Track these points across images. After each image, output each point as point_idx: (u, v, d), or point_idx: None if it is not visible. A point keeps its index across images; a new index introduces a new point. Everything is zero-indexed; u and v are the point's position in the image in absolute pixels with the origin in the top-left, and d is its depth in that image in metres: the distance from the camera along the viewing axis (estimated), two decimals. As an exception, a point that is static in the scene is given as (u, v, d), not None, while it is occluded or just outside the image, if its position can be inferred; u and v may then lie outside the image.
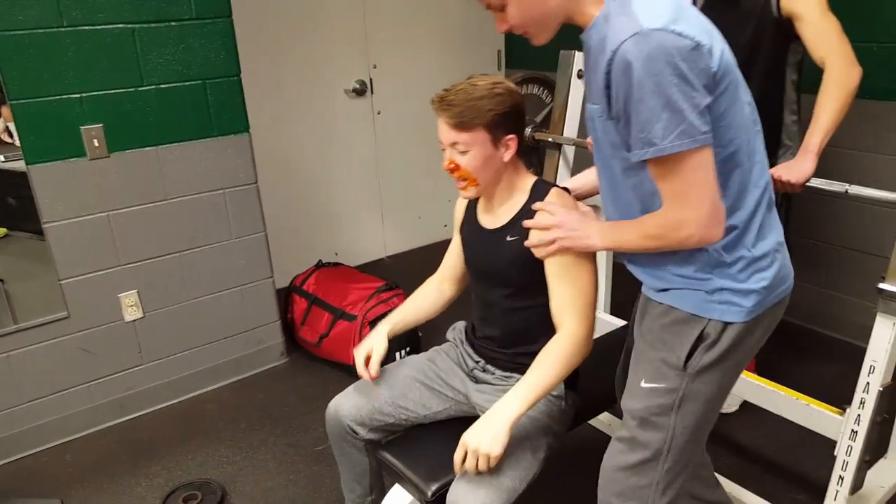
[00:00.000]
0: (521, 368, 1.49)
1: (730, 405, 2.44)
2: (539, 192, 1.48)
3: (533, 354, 1.44)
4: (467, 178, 1.45)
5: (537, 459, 1.46)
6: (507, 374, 1.58)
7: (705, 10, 2.10)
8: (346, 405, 1.62)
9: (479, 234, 1.57)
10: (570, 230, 1.36)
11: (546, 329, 1.46)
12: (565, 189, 1.54)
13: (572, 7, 1.14)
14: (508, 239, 1.48)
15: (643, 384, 1.30)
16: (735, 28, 2.02)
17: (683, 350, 1.25)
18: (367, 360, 1.60)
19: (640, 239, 1.23)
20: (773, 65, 2.02)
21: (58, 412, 2.45)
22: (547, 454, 1.49)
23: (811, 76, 2.06)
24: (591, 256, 1.43)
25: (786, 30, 1.94)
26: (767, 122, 2.08)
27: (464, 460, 1.35)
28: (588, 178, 1.66)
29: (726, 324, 1.23)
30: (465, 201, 1.65)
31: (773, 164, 2.10)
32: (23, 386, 2.36)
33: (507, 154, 1.45)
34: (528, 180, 1.51)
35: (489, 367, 1.61)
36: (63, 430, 2.48)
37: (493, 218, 1.55)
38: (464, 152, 1.41)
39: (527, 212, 1.46)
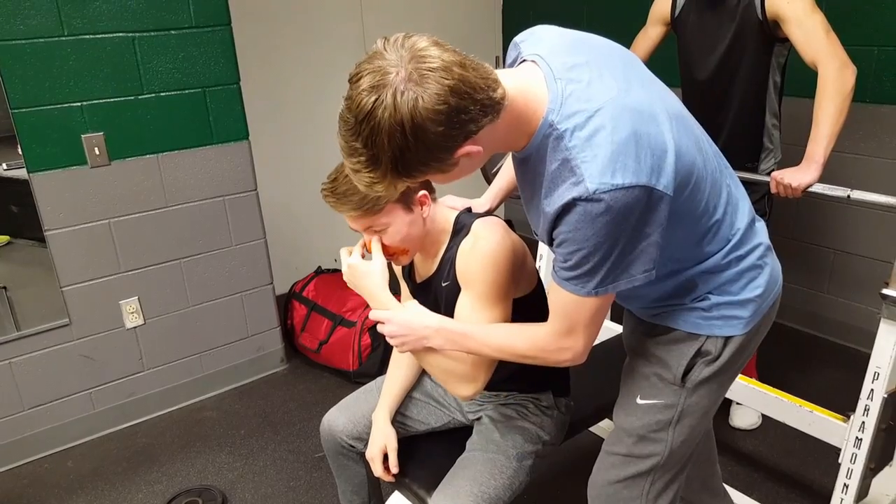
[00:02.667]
0: (507, 385, 1.50)
1: (752, 424, 2.40)
2: (461, 227, 1.38)
3: (514, 373, 1.41)
4: (396, 251, 1.36)
5: (523, 468, 1.45)
6: (494, 392, 1.56)
7: (686, 12, 2.12)
8: (339, 420, 1.61)
9: (418, 290, 1.50)
10: (403, 337, 1.26)
11: None
12: (488, 212, 1.44)
13: (506, 145, 1.06)
14: (443, 284, 1.41)
15: (639, 401, 1.27)
16: (718, 30, 2.03)
17: (680, 367, 1.21)
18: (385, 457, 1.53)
19: (501, 354, 1.20)
20: (756, 67, 2.01)
21: (59, 419, 2.46)
22: (535, 462, 1.48)
23: (793, 78, 2.06)
24: (498, 300, 1.30)
25: (770, 32, 1.93)
26: (749, 125, 2.10)
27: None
28: (507, 173, 1.54)
29: (727, 338, 1.20)
30: None
31: (754, 167, 2.10)
32: (24, 393, 2.37)
33: (426, 210, 1.36)
34: (450, 217, 1.42)
35: None
36: (64, 436, 2.48)
37: (425, 267, 1.48)
38: (383, 230, 1.32)
39: (452, 250, 1.37)
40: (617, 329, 2.31)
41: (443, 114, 0.89)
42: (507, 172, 1.55)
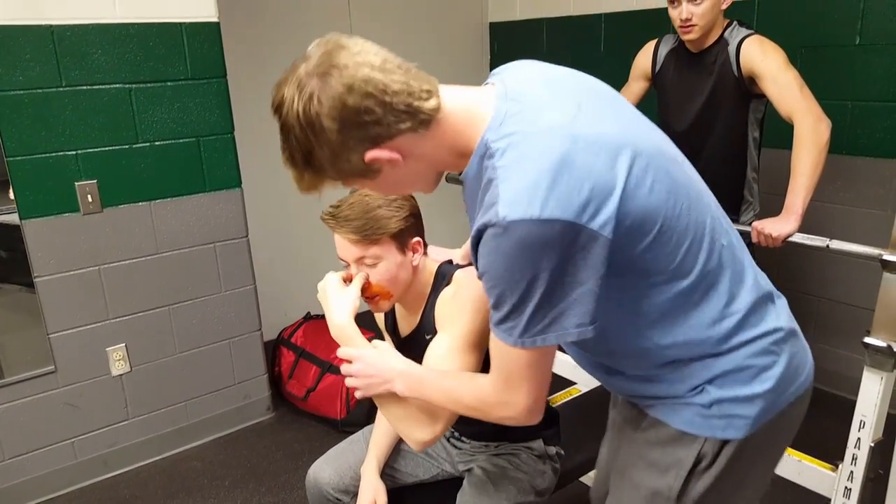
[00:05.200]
0: (497, 435, 1.50)
1: None
2: (441, 279, 1.40)
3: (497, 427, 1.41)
4: (380, 293, 1.34)
5: None
6: (484, 442, 1.56)
7: (667, 68, 2.20)
8: (325, 472, 1.58)
9: (403, 344, 1.49)
10: (367, 378, 1.21)
11: None
12: (469, 264, 1.43)
13: (442, 165, 1.00)
14: (427, 337, 1.40)
15: None
16: (696, 85, 2.11)
17: (678, 480, 1.03)
18: None
19: (450, 404, 1.14)
20: (734, 122, 2.07)
21: (41, 469, 2.40)
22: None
23: (771, 129, 2.13)
24: (472, 346, 1.29)
25: (746, 88, 2.01)
26: (730, 179, 2.15)
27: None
28: None
29: (724, 441, 1.01)
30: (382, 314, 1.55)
31: (734, 220, 2.15)
32: (6, 442, 2.32)
33: (417, 257, 1.37)
34: (433, 269, 1.43)
35: (464, 437, 1.59)
36: (45, 487, 2.43)
37: (409, 320, 1.48)
38: (373, 265, 1.32)
39: (433, 302, 1.38)
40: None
41: (336, 110, 0.85)
42: None
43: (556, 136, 0.86)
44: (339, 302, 1.29)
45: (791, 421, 1.09)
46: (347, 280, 1.33)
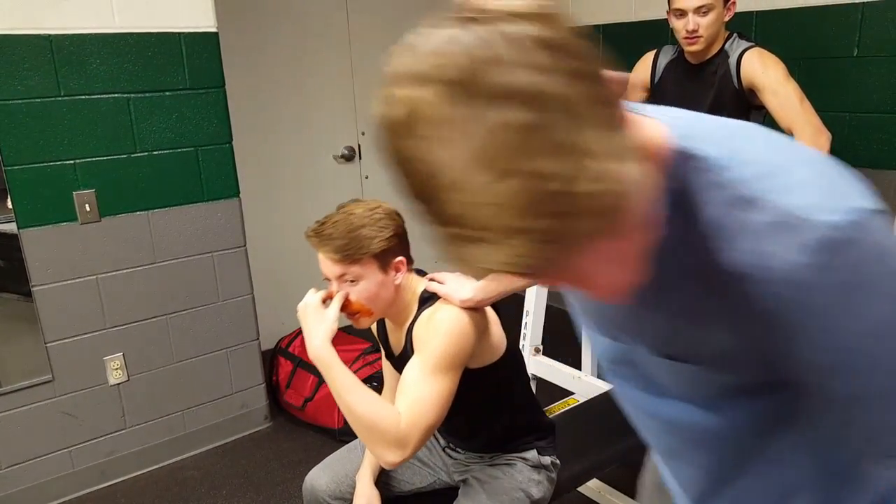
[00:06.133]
0: (492, 446, 1.50)
1: None
2: (427, 298, 1.39)
3: (498, 434, 1.41)
4: (360, 310, 1.35)
5: None
6: (479, 453, 1.56)
7: (666, 79, 2.21)
8: (322, 480, 1.59)
9: (394, 360, 1.50)
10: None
11: (497, 413, 1.47)
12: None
13: None
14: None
15: None
16: (696, 97, 2.11)
17: None
18: None
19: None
20: None
21: (36, 478, 2.40)
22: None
23: None
24: (446, 369, 1.27)
25: (746, 99, 2.02)
26: None
27: None
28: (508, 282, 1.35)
29: None
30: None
31: None
32: (3, 451, 2.32)
33: (399, 276, 1.37)
34: (419, 289, 1.42)
35: (458, 448, 1.60)
36: (41, 496, 2.41)
37: (397, 336, 1.48)
38: (354, 282, 1.33)
39: (415, 321, 1.38)
40: (602, 386, 2.32)
41: None
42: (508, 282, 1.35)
43: None
44: (316, 327, 1.30)
45: None
46: (329, 298, 1.34)
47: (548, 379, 2.49)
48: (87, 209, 2.31)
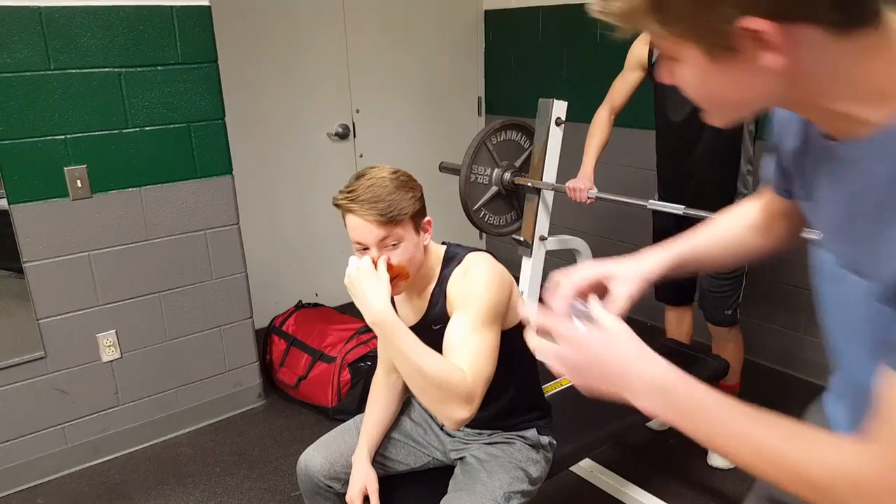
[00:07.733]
0: (492, 423, 1.50)
1: (730, 463, 2.40)
2: (453, 256, 1.40)
3: (499, 411, 1.42)
4: (399, 273, 1.33)
5: None
6: (478, 430, 1.57)
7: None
8: (316, 460, 1.58)
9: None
10: (583, 372, 0.80)
11: (506, 386, 1.46)
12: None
13: (809, 99, 0.64)
14: (434, 328, 1.40)
15: None
16: None
17: None
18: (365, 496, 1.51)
19: (774, 470, 0.70)
20: None
21: (30, 454, 2.40)
22: (523, 502, 1.47)
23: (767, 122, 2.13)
24: (492, 322, 1.29)
25: None
26: (724, 170, 2.16)
27: None
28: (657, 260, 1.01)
29: None
30: None
31: None
32: (-6, 428, 2.32)
33: (427, 237, 1.39)
34: (439, 249, 1.43)
35: None
36: (34, 472, 2.42)
37: (413, 308, 1.47)
38: (395, 245, 1.31)
39: (443, 283, 1.38)
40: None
41: None
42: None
43: None
44: (375, 289, 1.26)
45: None
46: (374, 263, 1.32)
47: (541, 359, 2.49)
48: (79, 185, 2.28)
